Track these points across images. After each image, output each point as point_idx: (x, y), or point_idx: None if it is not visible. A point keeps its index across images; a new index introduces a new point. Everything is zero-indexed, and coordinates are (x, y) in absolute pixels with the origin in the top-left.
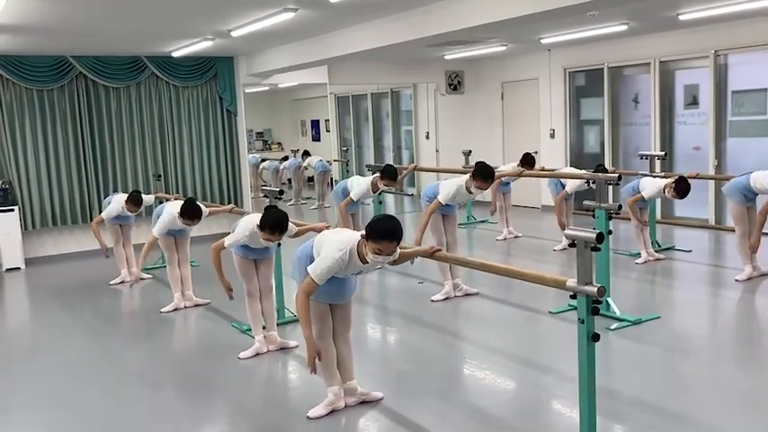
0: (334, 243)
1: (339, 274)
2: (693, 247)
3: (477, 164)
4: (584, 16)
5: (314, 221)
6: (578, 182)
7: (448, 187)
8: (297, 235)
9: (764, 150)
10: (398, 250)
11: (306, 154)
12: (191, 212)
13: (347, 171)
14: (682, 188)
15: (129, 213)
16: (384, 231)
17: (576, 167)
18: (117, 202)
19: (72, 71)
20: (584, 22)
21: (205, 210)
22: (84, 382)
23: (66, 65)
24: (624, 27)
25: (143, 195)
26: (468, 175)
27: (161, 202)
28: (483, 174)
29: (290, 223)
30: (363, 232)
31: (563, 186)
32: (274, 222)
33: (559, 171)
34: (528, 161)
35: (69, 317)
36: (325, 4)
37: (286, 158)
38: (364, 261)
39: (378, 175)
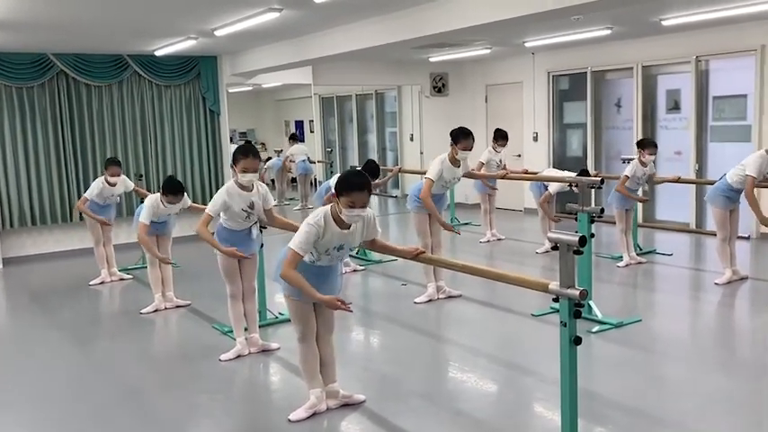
0: (308, 218)
1: (322, 256)
2: (674, 250)
3: (451, 132)
4: (569, 20)
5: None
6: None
7: (433, 166)
8: (277, 224)
9: (744, 155)
10: (378, 230)
11: (293, 138)
12: (172, 187)
13: (331, 172)
14: (648, 142)
15: (111, 187)
16: (353, 182)
17: (558, 169)
18: (97, 181)
19: (53, 68)
20: (568, 26)
21: (187, 200)
22: (63, 383)
23: (46, 62)
24: (608, 31)
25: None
26: (449, 151)
27: (141, 201)
28: (462, 133)
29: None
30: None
31: (545, 188)
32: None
33: (542, 174)
34: (501, 135)
35: (48, 317)
36: (309, 5)
37: (270, 159)
38: (341, 224)
39: None
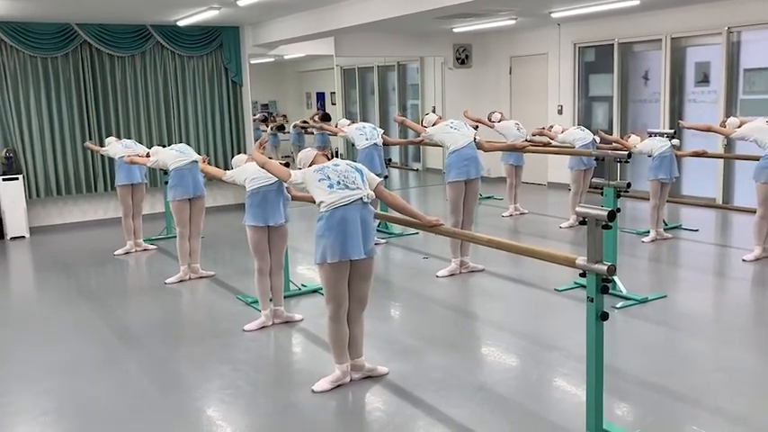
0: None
1: (331, 178)
2: (700, 226)
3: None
4: None
5: None
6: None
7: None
8: (294, 196)
9: None
10: (377, 179)
11: (326, 117)
12: None
13: (353, 146)
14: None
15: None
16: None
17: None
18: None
19: (76, 39)
20: None
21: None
22: (88, 352)
23: (70, 32)
24: (636, 2)
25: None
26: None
27: (165, 173)
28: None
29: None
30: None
31: (583, 163)
32: None
33: (560, 135)
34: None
35: (73, 286)
36: None
37: (282, 128)
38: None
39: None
